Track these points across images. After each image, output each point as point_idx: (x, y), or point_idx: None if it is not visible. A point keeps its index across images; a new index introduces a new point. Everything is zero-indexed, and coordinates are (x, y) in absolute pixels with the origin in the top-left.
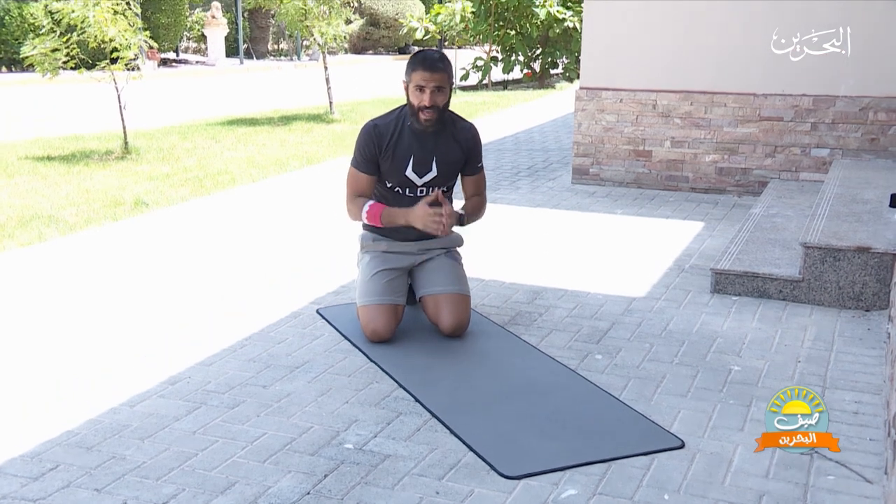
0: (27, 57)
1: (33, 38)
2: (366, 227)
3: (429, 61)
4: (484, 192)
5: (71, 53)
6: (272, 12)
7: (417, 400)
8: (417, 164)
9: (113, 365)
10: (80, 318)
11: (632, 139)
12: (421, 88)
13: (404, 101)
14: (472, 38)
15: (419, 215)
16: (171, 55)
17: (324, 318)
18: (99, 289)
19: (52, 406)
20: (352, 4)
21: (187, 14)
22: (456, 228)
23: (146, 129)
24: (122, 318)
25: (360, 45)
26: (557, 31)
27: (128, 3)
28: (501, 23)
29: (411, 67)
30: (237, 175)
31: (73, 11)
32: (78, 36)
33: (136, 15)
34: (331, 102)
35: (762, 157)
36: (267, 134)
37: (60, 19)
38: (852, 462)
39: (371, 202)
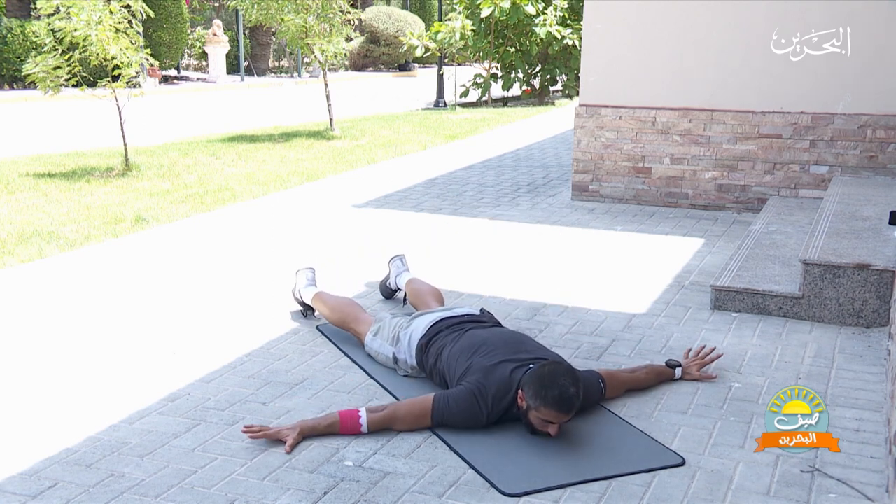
0: (29, 74)
1: (36, 56)
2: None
3: (566, 404)
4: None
5: (73, 71)
6: (273, 30)
7: None
8: None
9: (112, 382)
10: (79, 334)
11: (631, 156)
12: (549, 423)
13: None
14: (471, 56)
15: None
16: (173, 72)
17: (324, 334)
18: (99, 305)
19: (51, 423)
20: (352, 22)
21: (189, 32)
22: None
23: (147, 146)
24: (122, 334)
25: (361, 62)
26: (557, 48)
27: (129, 22)
28: (501, 40)
29: (542, 403)
30: (238, 191)
31: (75, 30)
32: (80, 54)
33: (138, 33)
34: (331, 119)
35: (761, 173)
36: (267, 150)
37: (63, 38)
38: (854, 480)
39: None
